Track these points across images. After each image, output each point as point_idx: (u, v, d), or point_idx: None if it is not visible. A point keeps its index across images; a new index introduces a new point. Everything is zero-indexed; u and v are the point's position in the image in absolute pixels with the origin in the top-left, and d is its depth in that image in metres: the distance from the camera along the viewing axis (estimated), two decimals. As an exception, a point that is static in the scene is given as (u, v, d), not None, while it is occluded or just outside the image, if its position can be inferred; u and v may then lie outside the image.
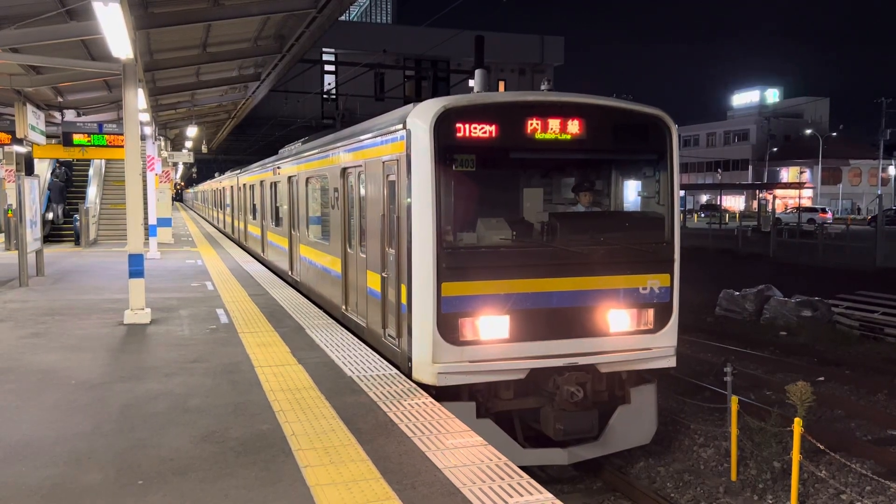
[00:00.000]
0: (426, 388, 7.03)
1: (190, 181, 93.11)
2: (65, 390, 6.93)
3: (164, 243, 23.85)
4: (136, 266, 10.36)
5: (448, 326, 7.16)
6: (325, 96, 33.60)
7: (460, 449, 5.32)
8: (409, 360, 7.44)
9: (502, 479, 4.79)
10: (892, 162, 73.44)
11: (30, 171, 22.52)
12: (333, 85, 33.94)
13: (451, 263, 7.15)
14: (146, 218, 20.40)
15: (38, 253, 15.77)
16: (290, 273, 14.81)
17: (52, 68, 13.64)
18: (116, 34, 8.67)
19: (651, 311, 7.84)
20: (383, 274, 8.30)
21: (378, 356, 8.21)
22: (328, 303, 11.32)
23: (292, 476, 4.84)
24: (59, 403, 6.52)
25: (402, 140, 7.46)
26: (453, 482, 4.72)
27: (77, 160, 25.34)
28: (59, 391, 6.90)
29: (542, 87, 8.10)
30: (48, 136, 17.64)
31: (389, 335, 8.21)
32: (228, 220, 30.27)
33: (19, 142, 15.83)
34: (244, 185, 23.36)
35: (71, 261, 19.23)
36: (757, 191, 74.44)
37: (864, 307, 17.31)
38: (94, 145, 18.58)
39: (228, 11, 12.21)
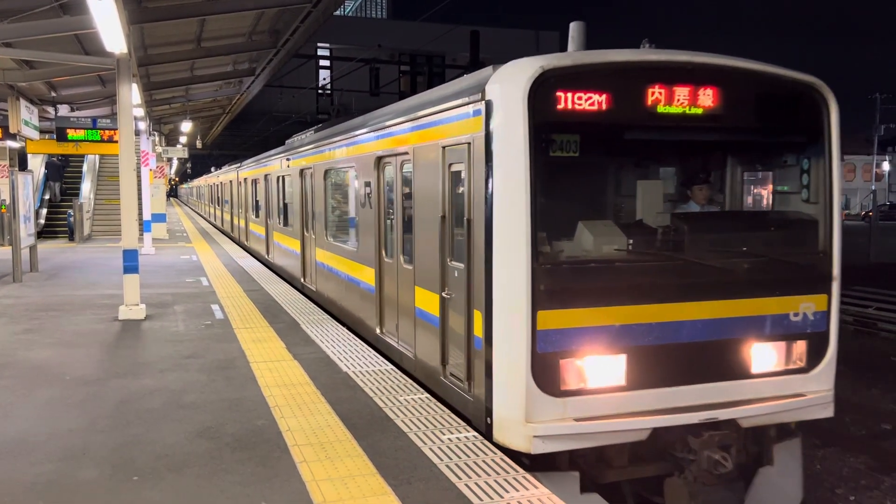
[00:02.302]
0: (512, 452, 5.40)
1: (184, 176, 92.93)
2: (59, 386, 6.91)
3: (158, 239, 23.78)
4: (130, 262, 10.33)
5: (546, 371, 5.34)
6: (319, 91, 33.50)
7: (456, 444, 5.32)
8: (488, 414, 5.59)
9: (498, 473, 4.79)
10: (886, 157, 73.69)
11: (23, 166, 22.47)
12: (328, 80, 33.86)
13: (552, 284, 5.34)
14: (141, 213, 20.35)
15: (32, 248, 15.73)
16: (302, 280, 13.12)
17: (46, 63, 13.58)
18: (110, 28, 8.63)
19: (803, 344, 6.06)
20: (444, 294, 6.49)
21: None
22: (355, 320, 9.62)
23: (288, 472, 4.84)
24: (54, 399, 6.50)
25: (479, 116, 5.69)
26: (449, 477, 4.72)
27: (71, 155, 25.41)
28: (54, 387, 6.88)
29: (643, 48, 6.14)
30: (42, 132, 17.58)
31: (454, 376, 6.38)
32: (227, 217, 28.51)
33: (13, 137, 15.78)
34: (245, 179, 21.66)
35: (65, 256, 19.17)
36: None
37: (857, 302, 17.37)
38: (88, 140, 18.50)
39: (223, 6, 12.18)
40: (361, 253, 9.18)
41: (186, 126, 28.55)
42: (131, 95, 10.48)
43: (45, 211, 25.30)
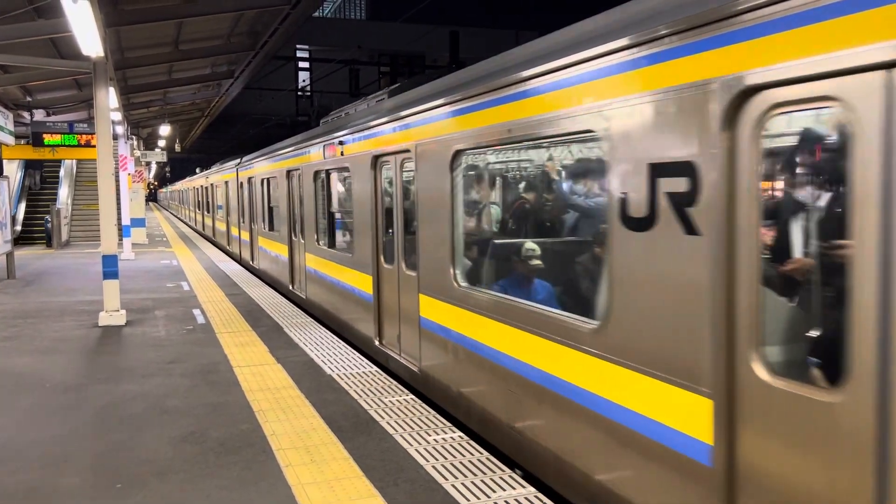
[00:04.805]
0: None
1: (163, 180, 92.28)
2: (40, 393, 6.82)
3: (138, 244, 23.57)
4: (110, 267, 10.23)
5: None
6: (299, 93, 33.42)
7: (443, 444, 5.32)
8: None
9: (484, 472, 4.80)
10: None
11: (-1, 172, 22.15)
12: (308, 82, 33.76)
13: None
14: (119, 218, 20.16)
15: (9, 255, 15.52)
16: (377, 342, 8.32)
17: (21, 67, 13.44)
18: (86, 32, 8.54)
19: None
20: None
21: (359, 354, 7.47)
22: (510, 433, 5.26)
23: (274, 475, 4.81)
24: (34, 407, 6.41)
25: None
26: (435, 478, 4.72)
27: (48, 160, 25.23)
28: (34, 394, 6.79)
29: None
30: (17, 137, 17.36)
31: None
32: (221, 227, 24.12)
33: (-13, 142, 15.57)
34: (250, 179, 17.12)
35: (43, 262, 18.94)
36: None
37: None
38: (64, 145, 18.33)
39: (201, 8, 12.10)
40: (549, 325, 4.68)
41: (165, 129, 28.33)
42: (108, 99, 10.37)
43: (23, 205, 25.12)
